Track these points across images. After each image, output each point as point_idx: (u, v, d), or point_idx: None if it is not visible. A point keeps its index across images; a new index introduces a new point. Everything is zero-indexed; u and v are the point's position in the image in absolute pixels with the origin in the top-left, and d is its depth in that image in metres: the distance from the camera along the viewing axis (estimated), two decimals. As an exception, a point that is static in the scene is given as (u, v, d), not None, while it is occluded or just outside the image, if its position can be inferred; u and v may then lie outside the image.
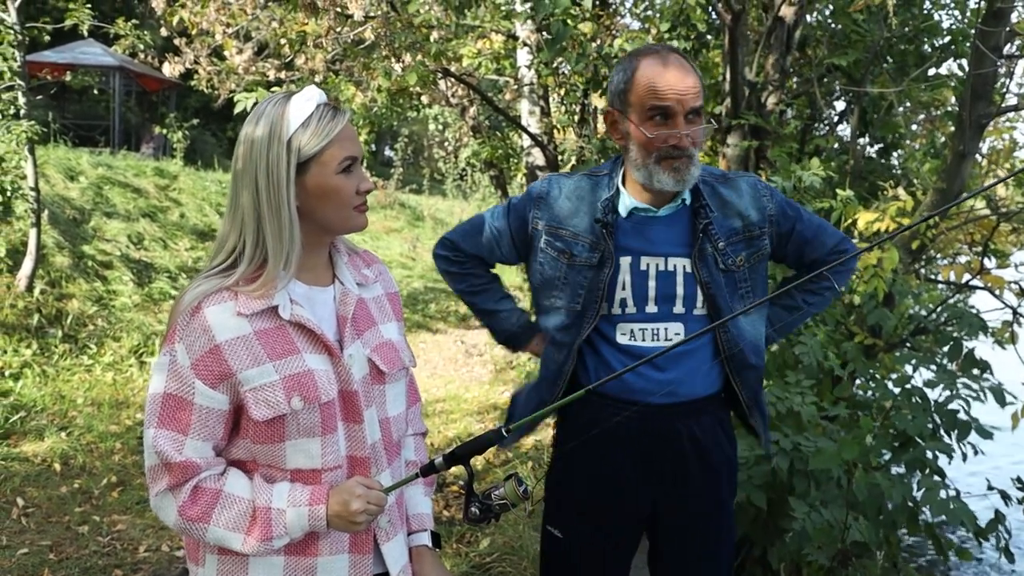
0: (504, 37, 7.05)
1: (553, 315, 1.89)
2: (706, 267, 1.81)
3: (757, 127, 4.92)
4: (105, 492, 4.34)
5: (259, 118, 1.34)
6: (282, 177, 1.31)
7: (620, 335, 1.84)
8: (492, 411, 6.06)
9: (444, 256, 2.03)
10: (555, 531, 1.94)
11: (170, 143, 14.02)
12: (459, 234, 2.02)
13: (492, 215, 1.98)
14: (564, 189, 1.89)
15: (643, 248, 1.83)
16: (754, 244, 1.86)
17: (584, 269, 1.83)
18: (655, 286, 1.82)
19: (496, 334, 2.08)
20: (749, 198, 1.87)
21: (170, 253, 8.79)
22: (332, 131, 1.34)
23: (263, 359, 1.30)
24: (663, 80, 1.71)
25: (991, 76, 3.59)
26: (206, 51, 6.34)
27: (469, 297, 2.04)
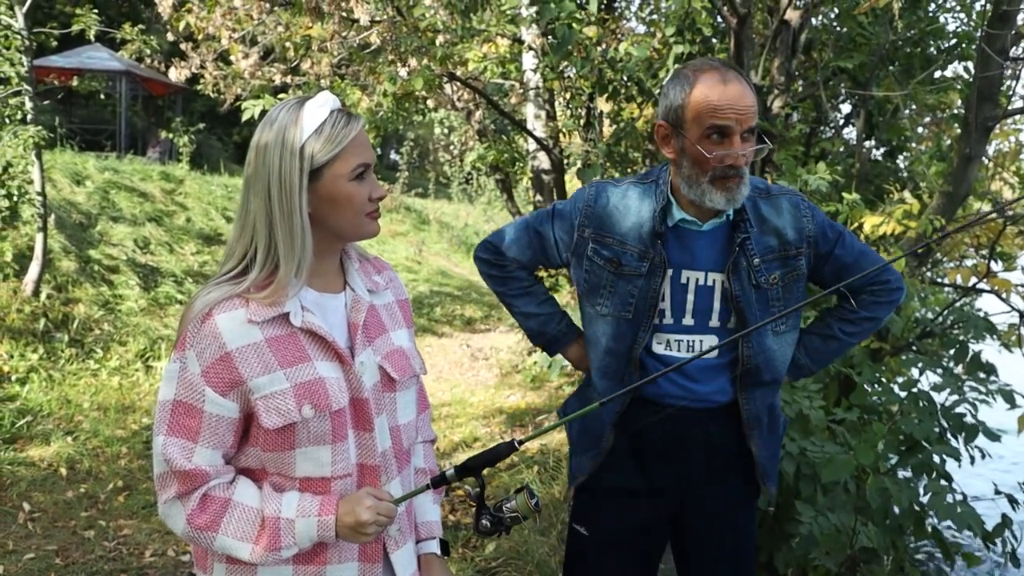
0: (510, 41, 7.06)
1: (601, 322, 1.89)
2: (739, 281, 1.81)
3: (763, 131, 4.91)
4: (111, 496, 4.35)
5: (272, 124, 1.33)
6: (295, 184, 1.31)
7: (656, 344, 1.86)
8: (498, 415, 6.06)
9: (486, 259, 2.03)
10: (581, 529, 1.96)
11: (176, 147, 14.06)
12: (501, 237, 2.01)
13: (536, 219, 1.97)
14: (612, 197, 1.88)
15: (685, 262, 1.83)
16: (789, 264, 1.84)
17: (633, 278, 1.83)
18: (693, 300, 1.84)
19: (536, 336, 2.06)
20: (789, 217, 1.85)
21: (176, 257, 8.82)
22: (346, 138, 1.34)
23: (274, 367, 1.30)
24: (724, 98, 1.68)
25: (997, 79, 3.58)
26: (212, 56, 6.37)
27: (510, 299, 2.03)
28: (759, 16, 5.68)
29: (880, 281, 1.91)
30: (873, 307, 1.92)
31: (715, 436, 1.87)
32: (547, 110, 7.38)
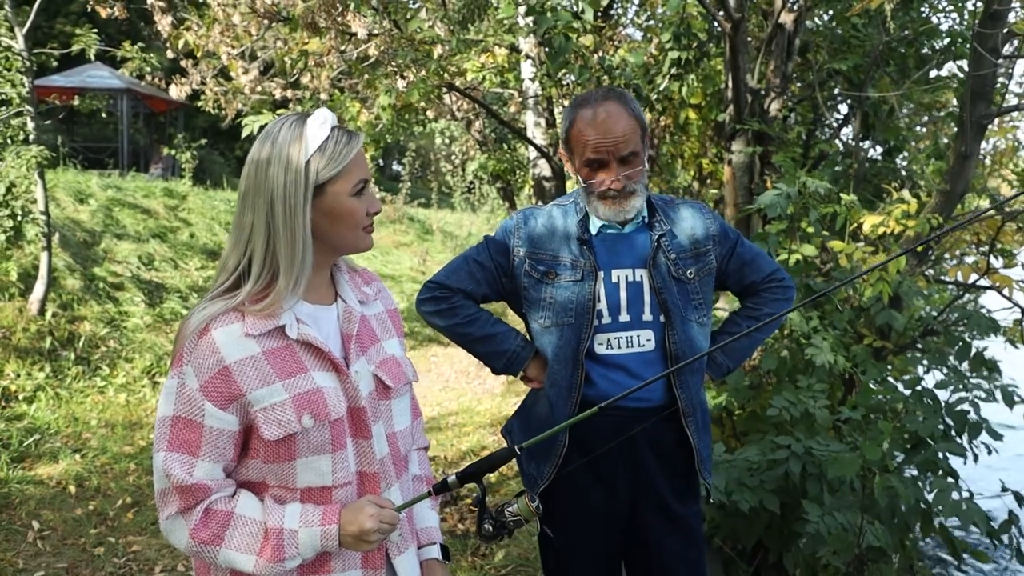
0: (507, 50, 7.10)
1: (545, 334, 2.02)
2: (659, 275, 1.98)
3: (761, 133, 4.93)
4: (120, 513, 4.36)
5: (272, 140, 1.35)
6: (298, 200, 1.33)
7: (598, 345, 2.00)
8: (499, 424, 6.06)
9: (430, 298, 2.07)
10: (548, 530, 2.02)
11: (178, 163, 14.13)
12: (442, 275, 2.09)
13: (473, 251, 2.10)
14: (539, 219, 2.07)
15: (613, 262, 2.01)
16: (701, 260, 2.05)
17: (570, 285, 1.99)
18: (626, 296, 1.99)
19: (496, 359, 2.08)
20: (694, 220, 2.07)
21: (181, 273, 8.86)
22: (347, 156, 1.37)
23: (272, 379, 1.32)
24: (594, 134, 1.90)
25: (990, 77, 3.60)
26: (212, 72, 6.41)
27: (464, 328, 2.06)
28: (754, 19, 5.71)
29: (776, 279, 2.15)
30: (773, 303, 2.14)
31: (656, 433, 1.99)
32: (546, 118, 7.41)
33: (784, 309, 2.14)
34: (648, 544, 2.04)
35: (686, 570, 2.04)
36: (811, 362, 3.42)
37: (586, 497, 2.01)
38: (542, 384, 2.06)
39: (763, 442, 3.35)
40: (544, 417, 2.03)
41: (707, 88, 5.37)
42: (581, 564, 2.05)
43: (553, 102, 7.14)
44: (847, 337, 3.73)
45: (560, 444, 1.99)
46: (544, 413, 2.04)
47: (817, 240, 3.81)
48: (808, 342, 3.38)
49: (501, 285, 2.07)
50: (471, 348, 2.10)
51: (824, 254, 4.12)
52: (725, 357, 2.15)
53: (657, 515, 2.03)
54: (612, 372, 1.98)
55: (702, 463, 2.06)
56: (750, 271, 2.14)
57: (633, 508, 2.03)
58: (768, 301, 2.15)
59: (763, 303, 2.15)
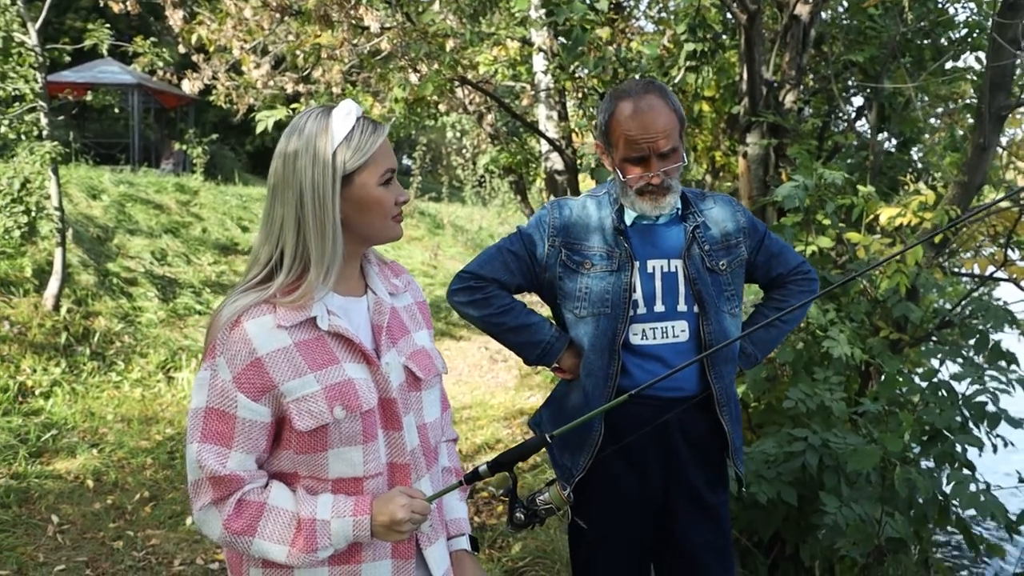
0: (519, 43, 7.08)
1: (581, 324, 2.01)
2: (694, 265, 1.99)
3: (776, 126, 4.91)
4: (138, 507, 4.40)
5: (299, 133, 1.36)
6: (327, 191, 1.34)
7: (633, 335, 1.99)
8: (519, 416, 6.08)
9: (464, 287, 2.06)
10: (580, 522, 2.02)
11: (190, 159, 14.18)
12: (475, 264, 2.08)
13: (507, 242, 2.09)
14: (574, 209, 2.07)
15: (649, 252, 2.01)
16: (732, 252, 2.06)
17: (605, 275, 1.99)
18: (661, 287, 2.00)
19: (530, 349, 2.06)
20: (725, 212, 2.08)
21: (193, 268, 8.89)
22: (374, 145, 1.38)
23: (304, 370, 1.33)
24: (635, 128, 1.89)
25: (1009, 68, 3.57)
26: (224, 67, 6.42)
27: (498, 319, 2.05)
28: (768, 11, 5.68)
29: (802, 272, 2.18)
30: (799, 295, 2.16)
31: (689, 422, 2.00)
32: (559, 111, 7.40)
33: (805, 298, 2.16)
34: (677, 533, 2.05)
35: (715, 559, 2.05)
36: (827, 354, 3.42)
37: (619, 486, 2.02)
38: (575, 375, 2.05)
39: (780, 434, 3.35)
40: (578, 408, 2.03)
41: (721, 80, 5.36)
42: (613, 553, 2.05)
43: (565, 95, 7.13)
44: (863, 329, 3.72)
45: (596, 434, 1.99)
46: (578, 404, 2.03)
47: (832, 232, 3.80)
48: (825, 335, 3.38)
49: (535, 275, 2.06)
50: (504, 338, 2.09)
51: (840, 246, 4.11)
52: (754, 348, 2.16)
53: (688, 504, 2.03)
54: (648, 362, 1.98)
55: (735, 452, 2.07)
56: (777, 263, 2.15)
57: (665, 496, 2.03)
58: (794, 293, 2.16)
59: (789, 295, 2.16)
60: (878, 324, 3.81)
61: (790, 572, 3.56)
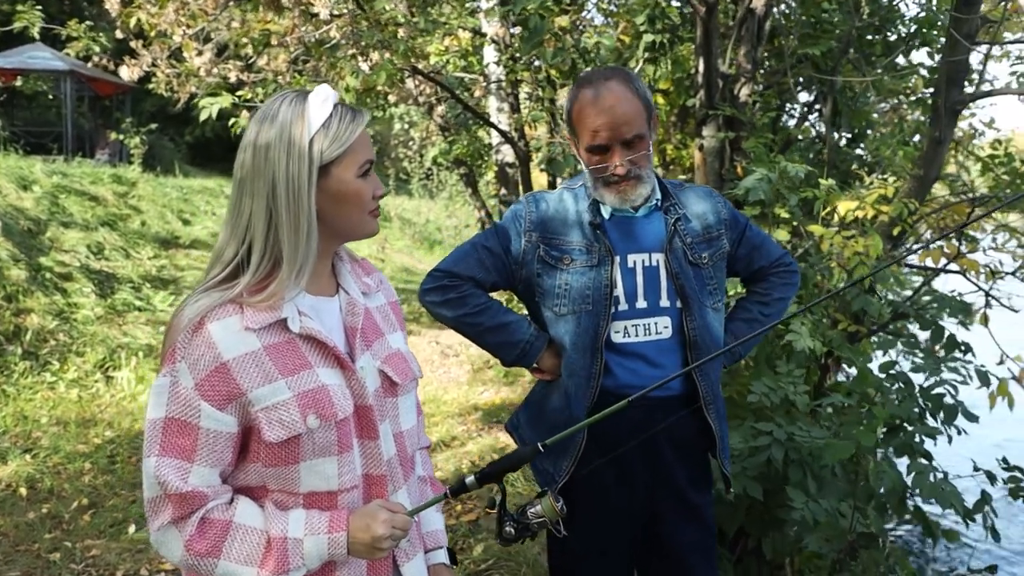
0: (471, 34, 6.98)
1: (561, 323, 1.93)
2: (676, 259, 1.92)
3: (731, 119, 4.91)
4: (76, 516, 4.18)
5: (271, 120, 1.26)
6: (303, 183, 1.24)
7: (615, 333, 1.92)
8: (473, 412, 5.99)
9: (437, 287, 1.95)
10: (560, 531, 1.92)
11: (127, 149, 13.70)
12: (449, 262, 1.98)
13: (482, 238, 2.00)
14: (551, 203, 1.98)
15: (629, 247, 1.93)
16: (714, 244, 1.99)
17: (585, 271, 1.91)
18: (642, 282, 1.92)
19: (508, 349, 1.97)
20: (705, 204, 2.02)
21: (132, 262, 8.57)
22: (353, 134, 1.28)
23: (274, 376, 1.22)
24: (595, 118, 1.82)
25: (964, 63, 3.61)
26: (165, 53, 6.17)
27: (474, 319, 1.95)
28: (722, 5, 5.68)
29: (783, 264, 2.12)
30: (782, 288, 2.12)
31: (676, 422, 1.93)
32: (510, 103, 7.31)
33: (791, 294, 2.13)
34: (664, 535, 1.99)
35: (701, 559, 2.00)
36: (788, 347, 3.41)
37: (605, 492, 1.95)
38: (556, 375, 1.97)
39: (743, 428, 3.33)
40: (560, 409, 1.95)
41: (675, 73, 5.33)
42: (600, 567, 1.99)
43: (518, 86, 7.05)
44: (822, 322, 3.72)
45: (579, 437, 1.92)
46: (559, 405, 1.96)
47: (787, 226, 3.79)
48: (787, 328, 3.36)
49: (511, 272, 1.97)
50: (481, 339, 1.99)
51: (795, 239, 4.12)
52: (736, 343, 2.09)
53: (674, 505, 1.98)
54: (630, 361, 1.91)
55: (723, 451, 2.02)
56: (759, 256, 2.10)
57: (651, 501, 1.97)
58: (777, 286, 2.11)
59: (772, 288, 2.11)
60: (836, 316, 3.82)
61: (752, 566, 3.55)
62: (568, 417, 1.91)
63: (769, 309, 2.11)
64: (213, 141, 18.10)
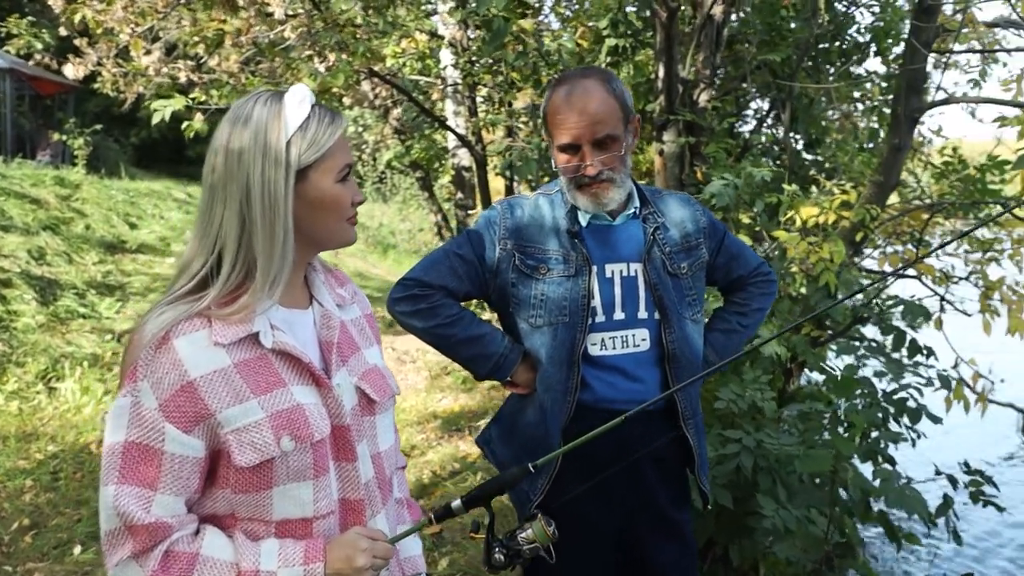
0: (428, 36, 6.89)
1: (537, 334, 1.86)
2: (655, 270, 1.86)
3: (691, 124, 4.91)
4: (16, 537, 3.98)
5: (245, 121, 1.17)
6: (279, 188, 1.16)
7: (591, 345, 1.86)
8: (432, 420, 5.89)
9: (407, 296, 1.86)
10: None
11: (70, 150, 13.28)
12: (419, 270, 1.89)
13: (454, 245, 1.92)
14: (526, 209, 1.91)
15: (607, 256, 1.87)
16: (693, 254, 1.94)
17: (562, 280, 1.84)
18: (620, 292, 1.86)
19: (481, 363, 1.89)
20: (684, 212, 1.96)
21: (76, 268, 8.28)
22: (332, 137, 1.21)
23: (246, 395, 1.14)
24: (565, 115, 1.76)
25: (923, 71, 3.65)
26: (112, 52, 5.97)
27: (446, 330, 1.86)
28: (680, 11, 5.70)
29: (762, 273, 2.08)
30: (760, 298, 2.07)
31: (652, 437, 1.87)
32: (468, 106, 7.25)
33: (769, 303, 2.09)
34: (643, 553, 1.93)
35: None
36: (754, 353, 3.40)
37: (582, 512, 1.88)
38: (530, 389, 1.90)
39: (711, 435, 3.31)
40: (534, 424, 1.88)
41: (635, 78, 5.33)
42: None
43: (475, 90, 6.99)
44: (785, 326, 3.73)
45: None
46: (534, 420, 1.88)
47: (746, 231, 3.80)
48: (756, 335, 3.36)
49: (485, 281, 1.88)
50: (453, 352, 1.91)
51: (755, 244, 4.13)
52: (716, 356, 2.03)
53: (653, 523, 1.92)
54: (607, 374, 1.85)
55: (701, 467, 1.97)
56: (737, 265, 2.05)
57: (629, 516, 1.91)
58: (756, 296, 2.07)
59: (751, 298, 2.07)
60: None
61: (718, 573, 3.53)
62: (544, 432, 1.85)
63: (747, 320, 2.07)
64: (160, 142, 17.69)
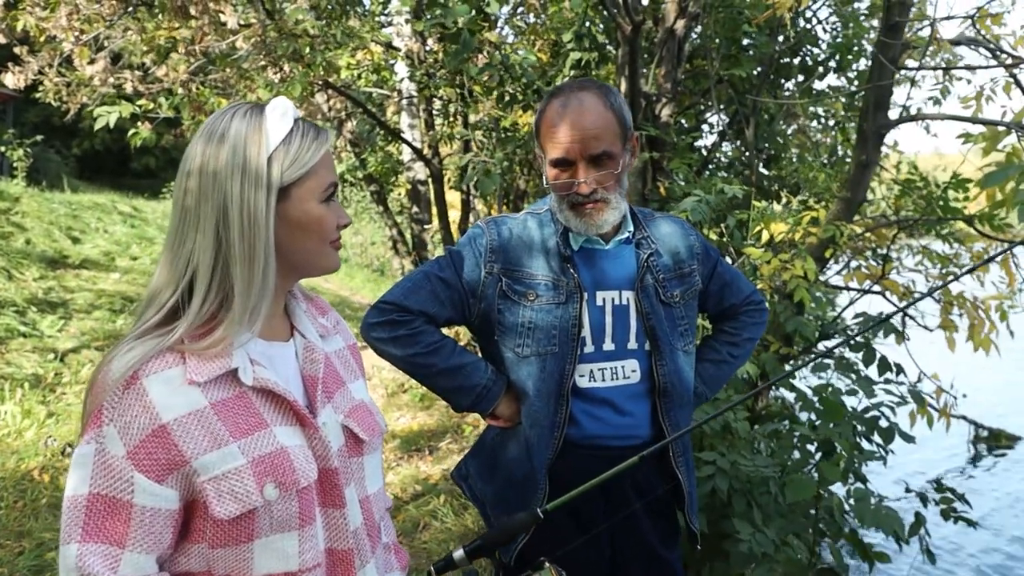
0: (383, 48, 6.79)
1: (524, 365, 1.74)
2: (647, 298, 1.76)
3: (653, 139, 4.89)
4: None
5: (221, 137, 1.06)
6: (260, 208, 1.05)
7: (579, 377, 1.73)
8: (391, 440, 5.74)
9: (385, 321, 1.71)
10: None
11: (9, 162, 12.80)
12: (398, 293, 1.74)
13: (435, 267, 1.78)
14: (514, 229, 1.79)
15: (598, 282, 1.76)
16: (686, 280, 1.83)
17: (552, 308, 1.72)
18: (611, 321, 1.75)
19: (463, 395, 1.76)
20: (676, 236, 1.86)
21: (16, 284, 7.93)
22: (317, 154, 1.10)
23: (225, 439, 1.02)
24: (559, 129, 1.65)
25: (889, 87, 3.67)
26: (54, 60, 5.75)
27: (426, 359, 1.72)
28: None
29: (754, 302, 1.97)
30: (752, 327, 1.97)
31: (641, 474, 1.77)
32: (424, 119, 7.16)
33: (760, 333, 1.99)
34: None
35: None
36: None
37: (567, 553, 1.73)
38: (513, 423, 1.78)
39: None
40: (519, 461, 1.76)
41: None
42: None
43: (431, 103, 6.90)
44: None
45: (541, 492, 1.73)
46: (519, 456, 1.76)
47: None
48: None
49: (468, 306, 1.76)
50: (432, 382, 1.77)
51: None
52: (705, 387, 1.93)
53: (644, 563, 1.81)
54: (597, 408, 1.73)
55: (691, 506, 1.86)
56: (730, 293, 1.94)
57: (620, 556, 1.80)
58: (747, 325, 1.96)
59: (742, 327, 1.96)
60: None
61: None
62: (528, 469, 1.73)
63: (738, 350, 1.96)
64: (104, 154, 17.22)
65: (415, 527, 4.01)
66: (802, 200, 4.79)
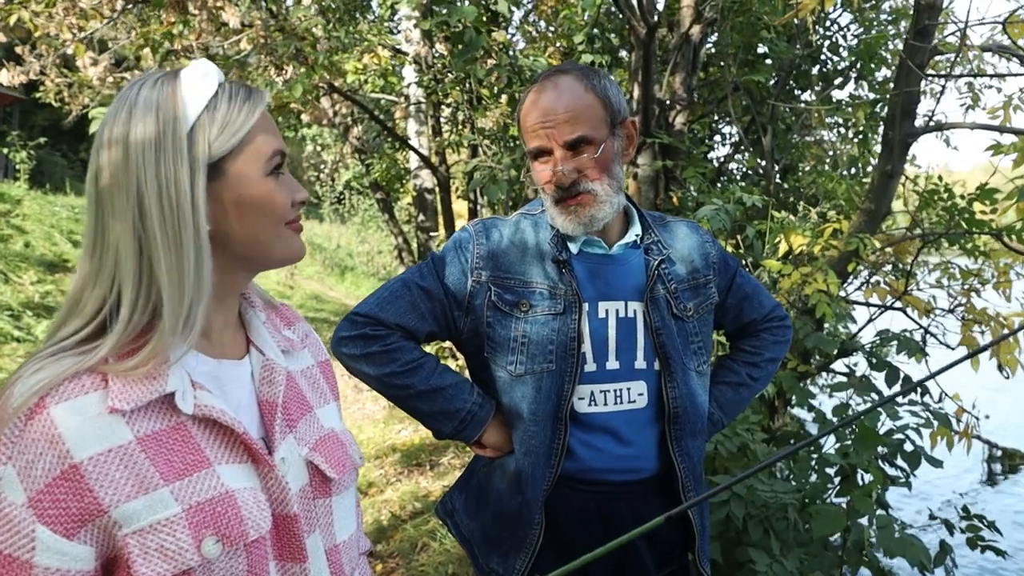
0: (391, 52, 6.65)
1: (518, 385, 1.51)
2: (658, 311, 1.54)
3: (667, 147, 4.72)
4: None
5: (132, 109, 0.87)
6: (182, 188, 0.86)
7: (578, 400, 1.51)
8: (391, 454, 5.56)
9: (357, 336, 1.50)
10: None
11: (12, 164, 12.72)
12: (373, 305, 1.53)
13: (416, 275, 1.57)
14: (505, 232, 1.59)
15: (600, 292, 1.54)
16: (701, 292, 1.63)
17: (548, 320, 1.51)
18: (615, 336, 1.53)
19: (445, 420, 1.54)
20: (691, 242, 1.66)
21: (12, 288, 7.79)
22: (251, 117, 0.91)
23: (154, 482, 0.83)
24: (533, 114, 1.48)
25: (917, 94, 3.48)
26: (54, 59, 5.62)
27: (403, 379, 1.51)
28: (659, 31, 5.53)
29: (777, 317, 1.77)
30: (774, 347, 1.76)
31: (645, 509, 1.55)
32: (432, 125, 7.02)
33: (783, 353, 1.76)
34: None
35: None
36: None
37: None
38: (501, 453, 1.57)
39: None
40: (508, 494, 1.55)
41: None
42: None
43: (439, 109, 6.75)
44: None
45: (535, 531, 1.52)
46: (508, 488, 1.55)
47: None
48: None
49: (453, 319, 1.55)
50: (409, 405, 1.54)
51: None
52: (721, 413, 1.72)
53: None
54: (596, 437, 1.51)
55: (702, 549, 1.63)
56: (750, 307, 1.73)
57: None
58: (769, 344, 1.75)
59: (763, 346, 1.74)
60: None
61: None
62: (520, 503, 1.52)
63: (759, 372, 1.75)
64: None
65: (413, 548, 3.83)
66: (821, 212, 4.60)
